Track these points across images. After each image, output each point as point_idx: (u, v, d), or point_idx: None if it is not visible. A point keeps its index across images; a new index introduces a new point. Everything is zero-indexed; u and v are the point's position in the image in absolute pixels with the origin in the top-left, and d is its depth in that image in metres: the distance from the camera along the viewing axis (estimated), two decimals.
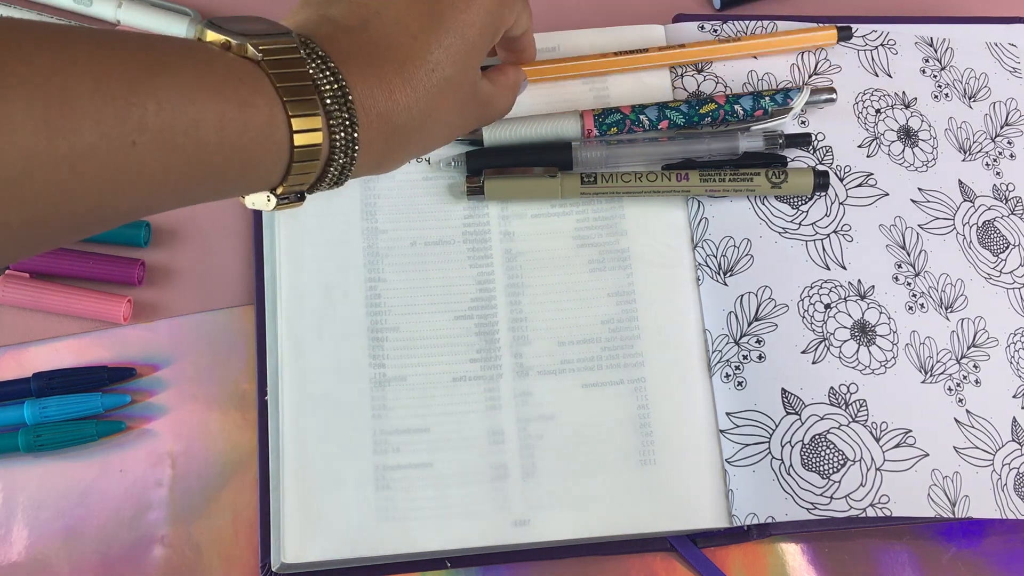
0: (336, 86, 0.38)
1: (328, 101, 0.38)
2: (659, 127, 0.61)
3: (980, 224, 0.62)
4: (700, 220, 0.60)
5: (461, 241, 0.59)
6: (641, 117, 0.61)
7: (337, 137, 0.38)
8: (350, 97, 0.38)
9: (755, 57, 0.64)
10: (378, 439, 0.55)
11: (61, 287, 0.58)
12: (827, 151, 0.62)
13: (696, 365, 0.58)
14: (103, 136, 0.31)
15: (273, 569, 0.54)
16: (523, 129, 0.60)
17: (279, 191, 0.39)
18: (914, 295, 0.59)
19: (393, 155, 0.43)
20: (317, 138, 0.37)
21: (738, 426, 0.56)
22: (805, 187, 0.60)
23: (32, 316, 0.59)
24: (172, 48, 0.35)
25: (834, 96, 0.62)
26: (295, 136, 0.37)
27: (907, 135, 0.63)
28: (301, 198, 0.40)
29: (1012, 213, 0.63)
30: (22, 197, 0.30)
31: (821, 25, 0.64)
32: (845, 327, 0.58)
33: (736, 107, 0.61)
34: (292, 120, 0.36)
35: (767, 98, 0.61)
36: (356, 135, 0.39)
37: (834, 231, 0.60)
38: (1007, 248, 0.62)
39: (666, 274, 0.59)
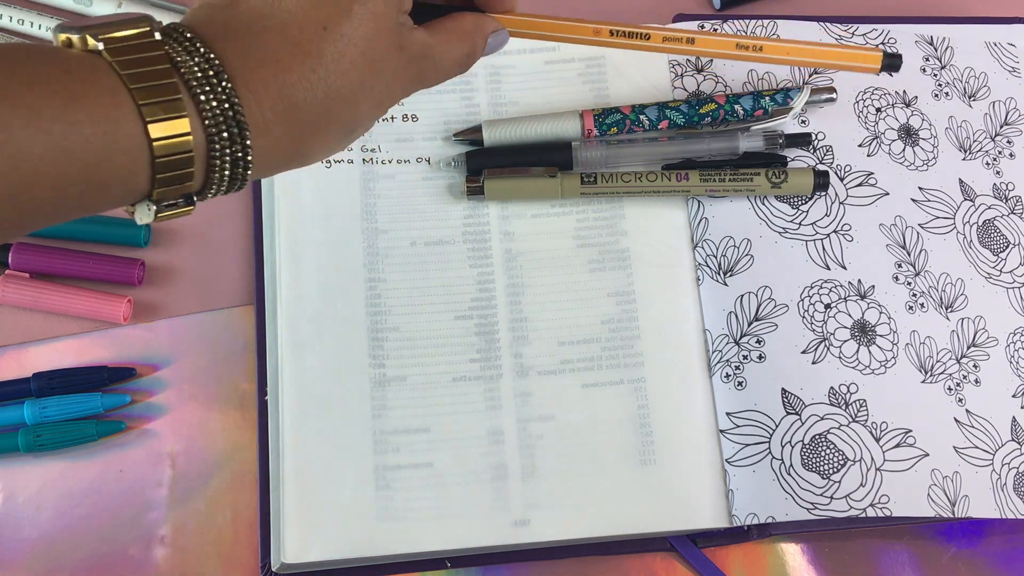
0: (207, 65, 0.34)
1: (194, 84, 0.33)
2: (659, 127, 0.61)
3: (980, 223, 0.62)
4: (700, 220, 0.60)
5: (461, 241, 0.59)
6: (641, 117, 0.61)
7: (213, 124, 0.33)
8: (225, 77, 0.34)
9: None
10: (378, 439, 0.55)
11: (61, 287, 0.58)
12: (827, 150, 0.62)
13: (696, 365, 0.58)
14: None
15: (273, 569, 0.54)
16: (523, 129, 0.60)
17: (154, 196, 0.33)
18: (914, 295, 0.59)
19: (309, 138, 0.38)
20: (181, 127, 0.32)
21: (738, 426, 0.56)
22: (805, 187, 0.60)
23: (32, 316, 0.59)
24: None
25: (834, 96, 0.62)
26: (149, 127, 0.32)
27: (907, 134, 0.63)
28: (190, 203, 0.35)
29: (1012, 212, 0.63)
30: None
31: (865, 49, 0.51)
32: (845, 327, 0.58)
33: (736, 107, 0.61)
34: (143, 109, 0.32)
35: (767, 98, 0.61)
36: (242, 120, 0.34)
37: (834, 231, 0.60)
38: (1007, 247, 0.62)
39: (666, 274, 0.59)
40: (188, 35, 0.34)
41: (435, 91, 0.61)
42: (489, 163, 0.60)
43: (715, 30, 0.64)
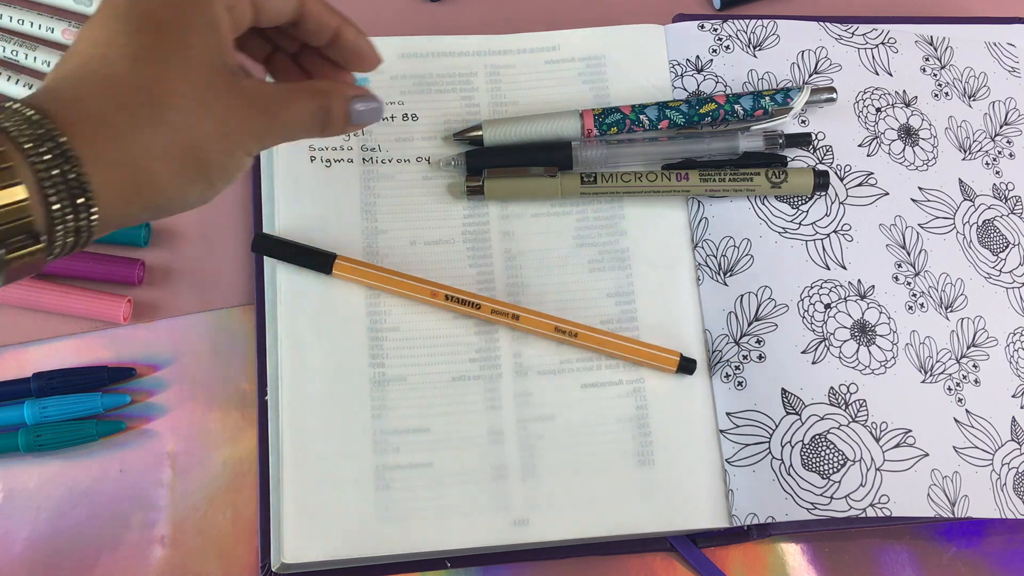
0: (37, 128, 0.35)
1: (27, 148, 0.34)
2: (659, 127, 0.61)
3: (980, 223, 0.62)
4: (700, 220, 0.60)
5: (461, 241, 0.59)
6: (641, 117, 0.61)
7: (51, 187, 0.34)
8: (58, 134, 0.35)
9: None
10: (378, 439, 0.55)
11: (61, 287, 0.58)
12: (827, 150, 0.62)
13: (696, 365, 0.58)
14: None
15: (273, 569, 0.54)
16: (523, 129, 0.60)
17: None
18: (914, 295, 0.59)
19: (153, 188, 0.38)
20: (17, 194, 0.34)
21: (738, 426, 0.56)
22: (805, 187, 0.60)
23: (32, 316, 0.59)
24: None
25: (834, 96, 0.62)
26: None
27: (907, 134, 0.63)
28: (39, 241, 0.35)
29: (1012, 212, 0.63)
30: None
31: (665, 351, 0.57)
32: (845, 327, 0.58)
33: (736, 107, 0.61)
34: None
35: (767, 98, 0.61)
36: (83, 178, 0.35)
37: (834, 231, 0.60)
38: (1007, 247, 0.62)
39: (666, 274, 0.59)
40: (12, 105, 0.36)
41: (435, 91, 0.62)
42: (489, 163, 0.60)
43: (715, 30, 0.65)
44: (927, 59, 0.66)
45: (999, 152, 0.64)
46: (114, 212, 0.37)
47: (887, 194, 0.61)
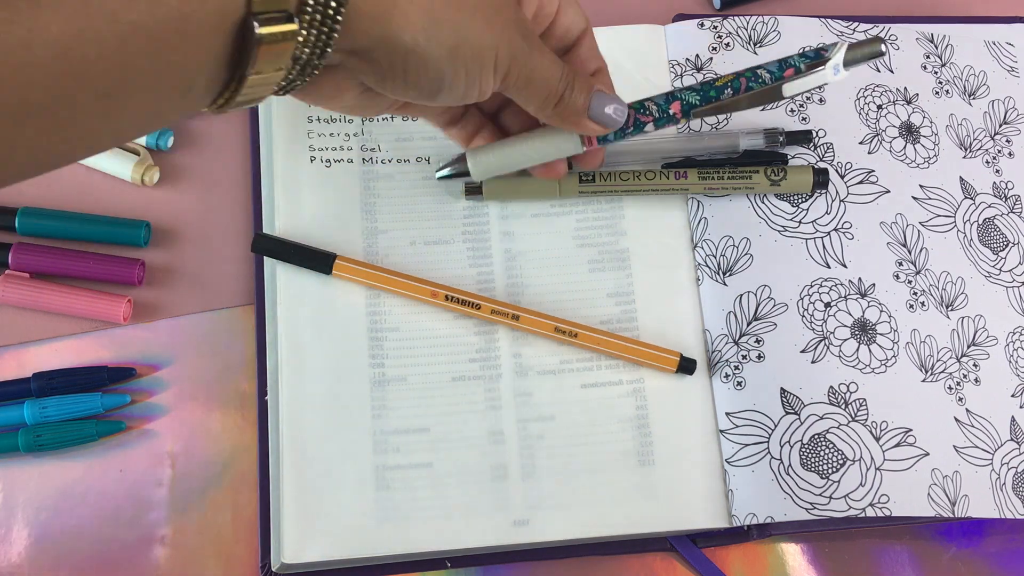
0: None
1: None
2: (670, 111, 0.52)
3: (981, 222, 0.62)
4: (700, 220, 0.60)
5: (461, 241, 0.59)
6: (647, 104, 0.52)
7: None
8: None
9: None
10: (378, 439, 0.55)
11: (61, 287, 0.58)
12: (828, 148, 0.62)
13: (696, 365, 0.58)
14: None
15: (273, 569, 0.54)
16: (514, 155, 0.54)
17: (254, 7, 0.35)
18: (915, 293, 0.59)
19: (392, 19, 0.39)
20: None
21: (737, 426, 0.56)
22: (804, 185, 0.59)
23: (32, 316, 0.59)
24: None
25: (882, 48, 0.51)
26: None
27: (908, 131, 0.63)
28: (290, 21, 0.36)
29: (1011, 211, 0.63)
30: None
31: (665, 350, 0.57)
32: (845, 326, 0.58)
33: (760, 72, 0.51)
34: None
35: (796, 57, 0.51)
36: None
37: (834, 229, 0.60)
38: (1007, 246, 0.62)
39: (666, 274, 0.59)
40: None
41: None
42: None
43: (715, 27, 0.64)
44: (928, 56, 0.65)
45: (999, 151, 0.64)
46: (359, 30, 0.38)
47: (888, 192, 0.61)
